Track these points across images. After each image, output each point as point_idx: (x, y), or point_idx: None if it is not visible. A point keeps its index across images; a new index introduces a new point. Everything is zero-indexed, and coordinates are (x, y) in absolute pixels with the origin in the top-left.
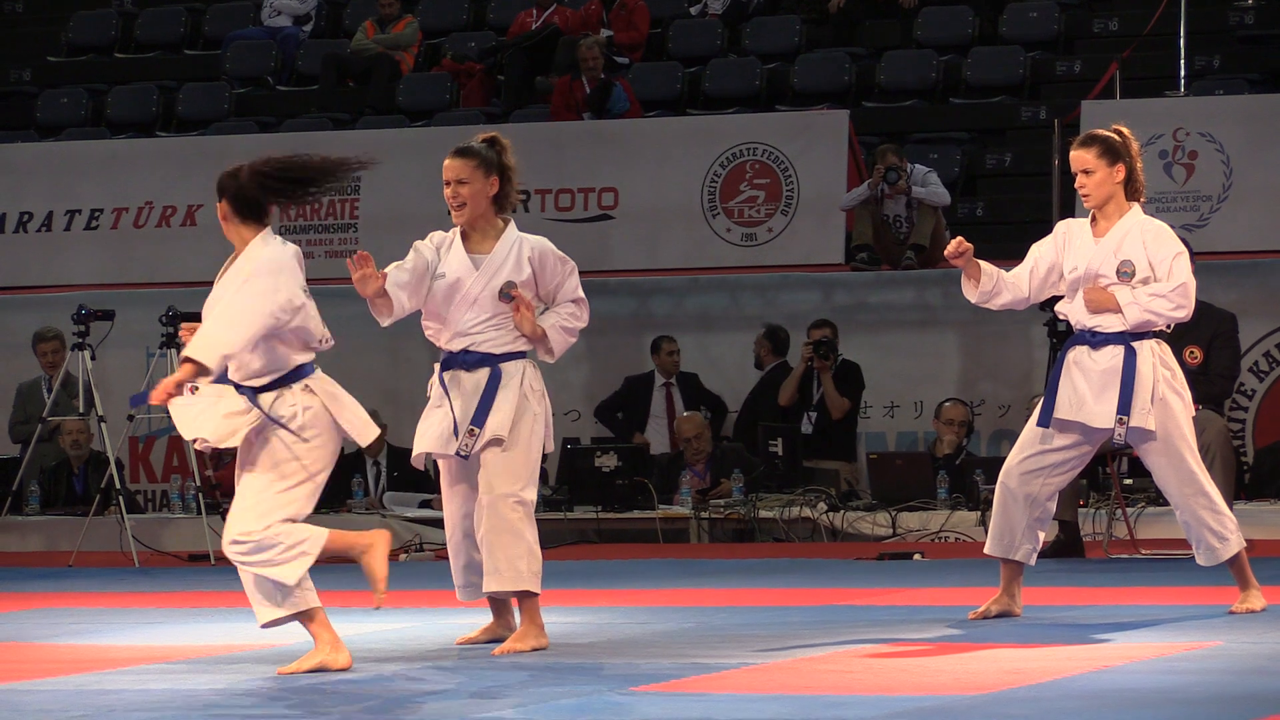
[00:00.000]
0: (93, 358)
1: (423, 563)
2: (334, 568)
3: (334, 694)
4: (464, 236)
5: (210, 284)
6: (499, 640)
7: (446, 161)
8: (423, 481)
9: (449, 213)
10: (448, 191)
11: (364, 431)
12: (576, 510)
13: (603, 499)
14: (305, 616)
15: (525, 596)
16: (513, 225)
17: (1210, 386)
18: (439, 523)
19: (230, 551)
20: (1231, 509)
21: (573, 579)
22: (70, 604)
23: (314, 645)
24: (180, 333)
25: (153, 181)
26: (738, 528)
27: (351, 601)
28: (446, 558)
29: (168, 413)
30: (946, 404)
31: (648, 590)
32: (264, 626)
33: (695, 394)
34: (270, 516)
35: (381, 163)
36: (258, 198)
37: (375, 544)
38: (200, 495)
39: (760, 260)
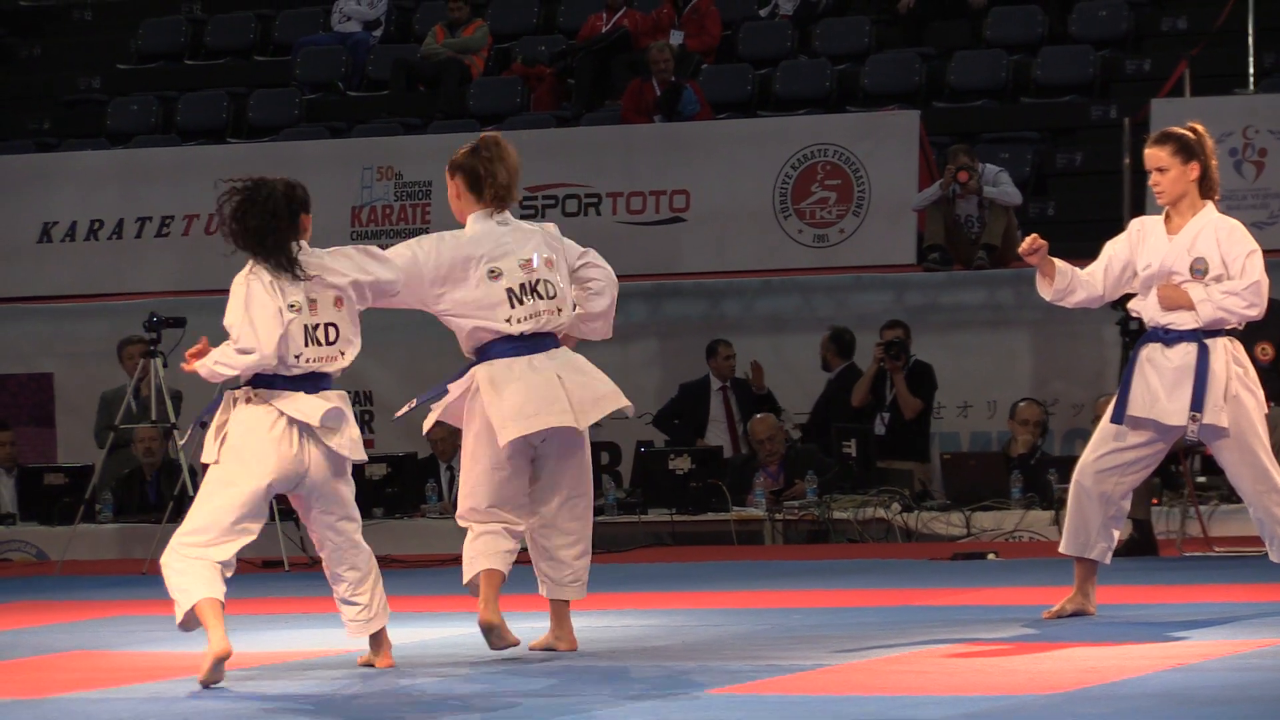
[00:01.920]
0: (165, 365)
1: None
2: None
3: (413, 700)
4: None
5: None
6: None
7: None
8: None
9: (520, 216)
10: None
11: None
12: (650, 513)
13: (677, 501)
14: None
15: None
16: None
17: None
18: None
19: None
20: None
21: (647, 582)
22: (144, 611)
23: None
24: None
25: (223, 188)
26: (812, 529)
27: (421, 607)
28: (522, 563)
29: None
30: (1021, 404)
31: (722, 592)
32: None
33: (750, 397)
34: None
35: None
36: None
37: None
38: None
39: (832, 261)
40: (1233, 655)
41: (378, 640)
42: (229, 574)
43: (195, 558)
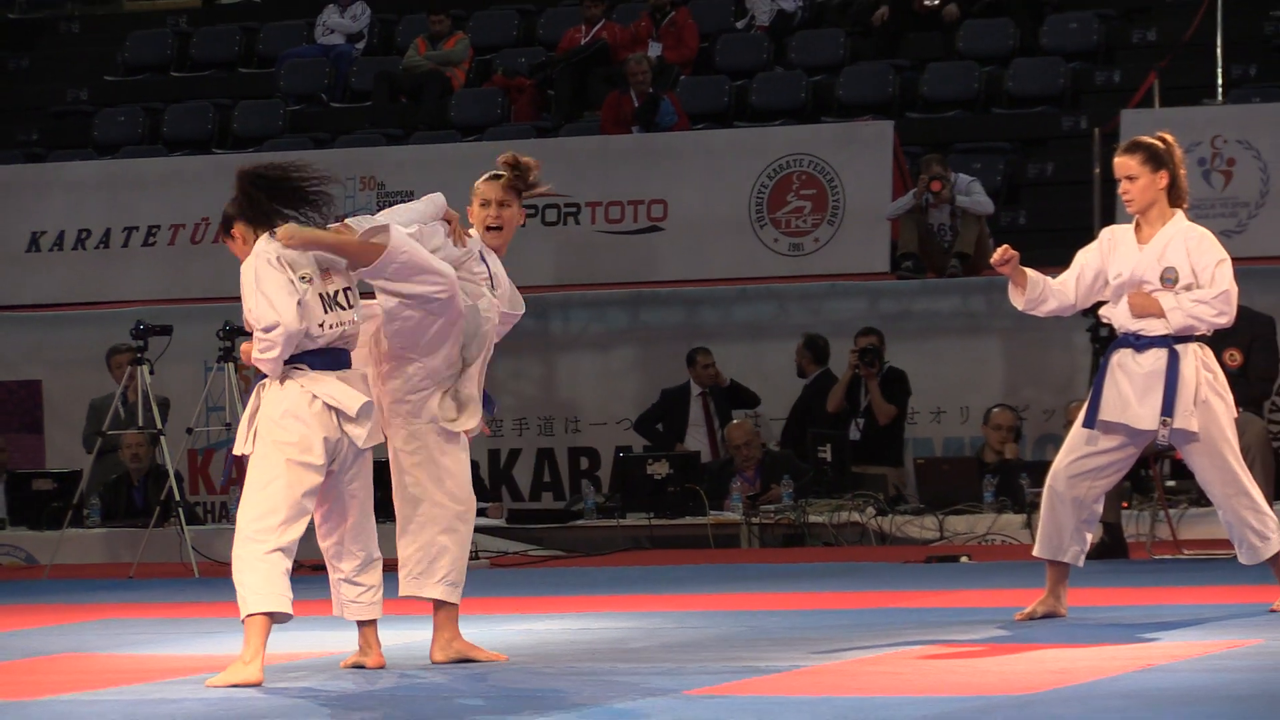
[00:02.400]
0: (151, 372)
1: (477, 570)
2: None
3: (386, 700)
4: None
5: None
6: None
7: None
8: (478, 490)
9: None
10: (490, 213)
11: None
12: (629, 517)
13: (654, 506)
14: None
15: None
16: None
17: (1250, 389)
18: (495, 531)
19: None
20: (1272, 508)
21: (625, 585)
22: (131, 614)
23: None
24: (241, 350)
25: (209, 198)
26: (787, 533)
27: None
28: (502, 565)
29: (227, 427)
30: (995, 410)
31: (700, 595)
32: None
33: (730, 390)
34: None
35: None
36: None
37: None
38: None
39: (807, 270)
40: (1203, 656)
41: (368, 639)
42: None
43: (270, 550)
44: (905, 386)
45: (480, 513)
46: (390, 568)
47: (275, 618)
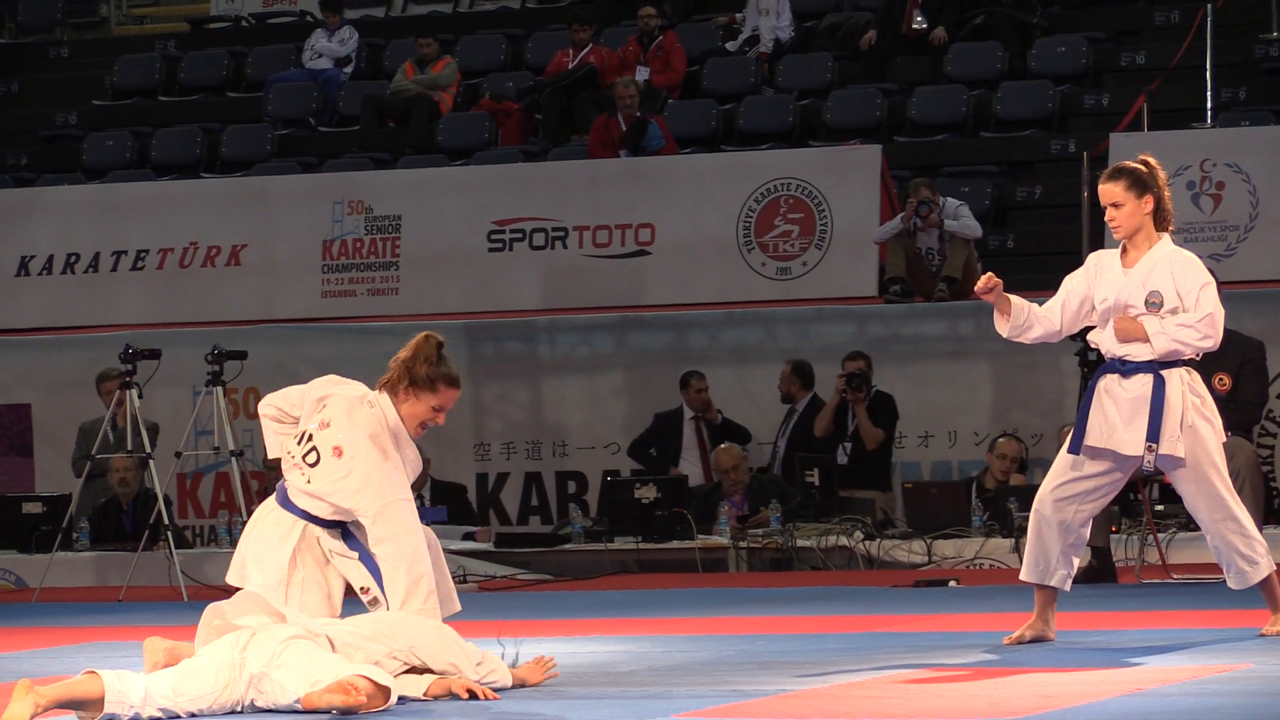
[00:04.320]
0: (140, 396)
1: (465, 593)
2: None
3: None
4: None
5: (254, 322)
6: None
7: None
8: (465, 514)
9: (489, 250)
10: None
11: None
12: (617, 541)
13: (642, 530)
14: None
15: None
16: None
17: (1239, 413)
18: (482, 555)
19: None
20: (1261, 533)
21: (614, 609)
22: (120, 638)
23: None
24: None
25: (197, 222)
26: (775, 557)
27: None
28: (490, 589)
29: (215, 451)
30: (1001, 439)
31: (687, 619)
32: None
33: (722, 427)
34: None
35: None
36: None
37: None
38: None
39: (795, 294)
40: (1191, 680)
41: None
42: None
43: None
44: (893, 410)
45: (468, 536)
46: None
47: None
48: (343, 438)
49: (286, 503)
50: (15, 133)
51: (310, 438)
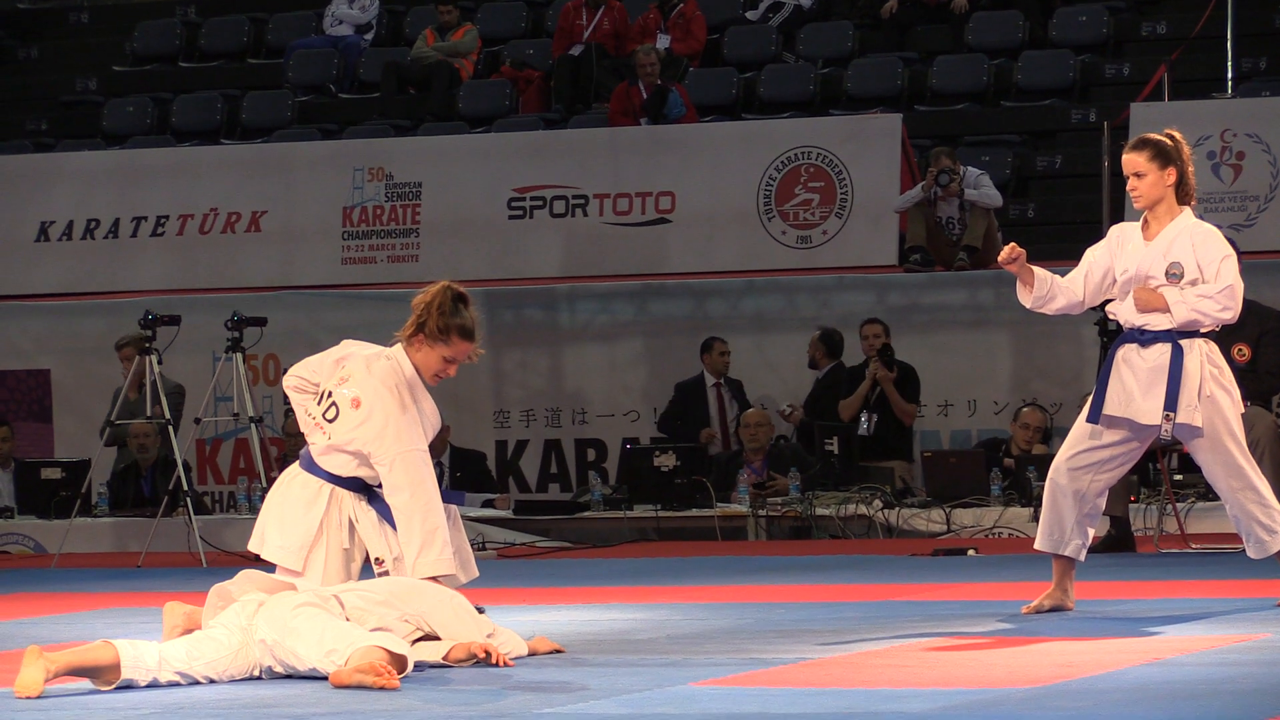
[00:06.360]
0: (159, 362)
1: (484, 561)
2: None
3: (400, 695)
4: None
5: (274, 288)
6: None
7: None
8: (484, 481)
9: (509, 218)
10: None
11: None
12: (636, 509)
13: (662, 497)
14: None
15: None
16: None
17: (1258, 383)
18: (501, 522)
19: None
20: None
21: (633, 576)
22: (139, 604)
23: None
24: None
25: (217, 188)
26: (795, 525)
27: None
28: (509, 556)
29: (235, 417)
30: (1025, 409)
31: (706, 587)
32: None
33: (742, 397)
34: None
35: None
36: None
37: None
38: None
39: (815, 262)
40: (1209, 650)
41: None
42: None
43: None
44: (916, 383)
45: (488, 504)
46: None
47: None
48: (361, 390)
49: (311, 465)
50: (36, 98)
51: (330, 394)
